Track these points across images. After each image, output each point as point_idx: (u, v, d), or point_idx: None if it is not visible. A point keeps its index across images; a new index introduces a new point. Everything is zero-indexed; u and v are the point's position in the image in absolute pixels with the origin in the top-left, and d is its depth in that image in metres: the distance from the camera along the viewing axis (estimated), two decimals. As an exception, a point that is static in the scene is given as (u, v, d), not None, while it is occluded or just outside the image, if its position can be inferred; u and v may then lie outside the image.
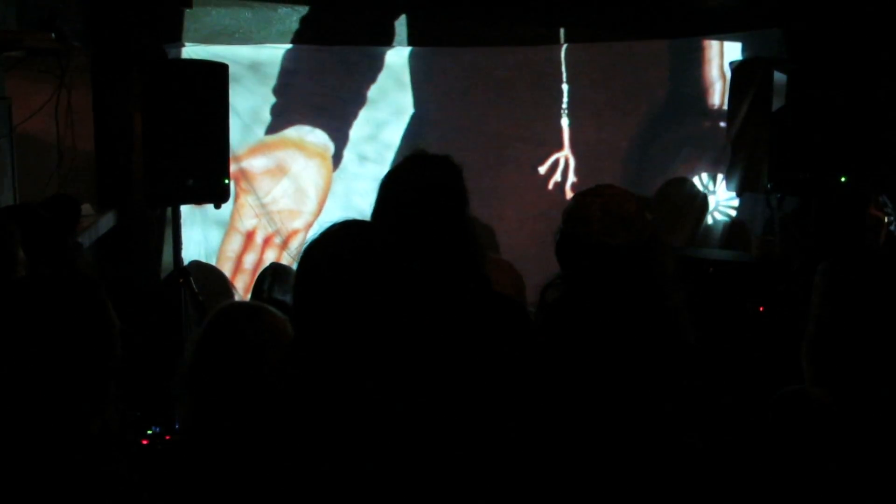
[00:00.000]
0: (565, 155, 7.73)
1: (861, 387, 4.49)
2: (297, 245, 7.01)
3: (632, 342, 2.91)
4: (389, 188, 3.43)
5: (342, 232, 2.53)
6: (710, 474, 2.31)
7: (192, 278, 5.69)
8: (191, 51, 6.65)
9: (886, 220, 5.14)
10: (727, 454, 2.35)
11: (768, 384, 5.11)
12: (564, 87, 7.72)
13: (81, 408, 2.42)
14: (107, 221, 6.12)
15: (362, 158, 7.29)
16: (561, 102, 7.71)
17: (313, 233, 2.52)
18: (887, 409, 4.31)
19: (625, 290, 2.99)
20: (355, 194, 7.26)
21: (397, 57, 7.41)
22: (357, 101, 7.32)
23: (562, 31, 7.68)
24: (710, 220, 7.83)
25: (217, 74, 5.68)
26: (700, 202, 7.82)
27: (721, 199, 7.84)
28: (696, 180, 7.86)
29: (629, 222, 3.05)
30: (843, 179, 6.18)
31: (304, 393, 2.35)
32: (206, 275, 6.65)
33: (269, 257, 7.02)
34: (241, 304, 2.92)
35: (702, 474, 2.34)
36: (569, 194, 7.50)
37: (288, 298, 5.60)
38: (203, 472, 2.59)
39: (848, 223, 5.19)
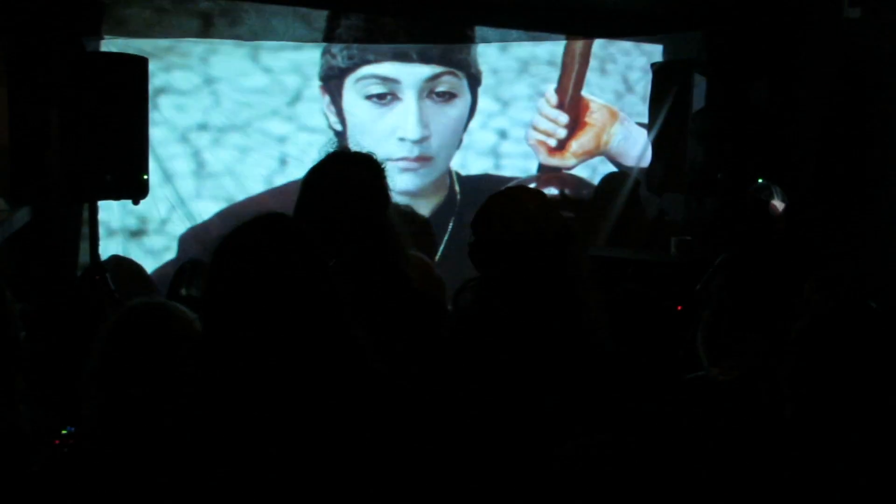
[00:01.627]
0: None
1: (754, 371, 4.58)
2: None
3: (541, 344, 2.91)
4: (311, 185, 3.42)
5: (258, 224, 2.50)
6: (625, 477, 2.32)
7: (108, 275, 5.61)
8: (110, 44, 6.55)
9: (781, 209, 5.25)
10: (645, 453, 2.36)
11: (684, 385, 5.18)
12: (479, 88, 7.77)
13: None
14: (21, 217, 6.01)
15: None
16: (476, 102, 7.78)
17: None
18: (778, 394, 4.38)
19: (536, 292, 2.99)
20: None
21: (315, 54, 7.39)
22: (280, 96, 7.29)
23: (476, 30, 7.70)
24: (629, 221, 7.88)
25: (136, 68, 5.61)
26: (620, 202, 7.87)
27: (641, 200, 7.89)
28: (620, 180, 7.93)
29: (530, 219, 3.04)
30: (760, 181, 6.26)
31: (208, 391, 2.32)
32: (125, 271, 6.55)
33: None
34: (147, 302, 2.87)
35: (614, 479, 2.34)
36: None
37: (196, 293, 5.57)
38: (109, 472, 2.54)
39: (747, 216, 5.29)
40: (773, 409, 2.70)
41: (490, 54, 7.75)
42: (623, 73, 8.08)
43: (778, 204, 5.21)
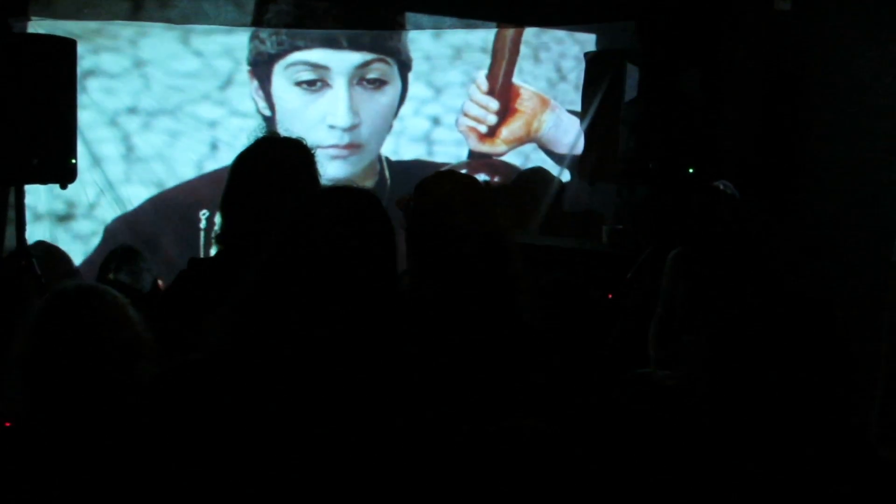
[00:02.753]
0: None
1: (705, 371, 4.60)
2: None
3: (474, 331, 2.91)
4: (241, 169, 3.40)
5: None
6: (558, 460, 2.32)
7: (35, 260, 5.54)
8: (37, 26, 6.47)
9: (731, 205, 5.28)
10: (574, 438, 2.37)
11: (615, 370, 5.20)
12: (410, 74, 7.76)
13: None
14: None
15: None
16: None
17: None
18: (729, 393, 4.41)
19: (470, 281, 2.98)
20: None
21: (247, 38, 7.34)
22: (211, 80, 7.24)
23: (406, 16, 7.69)
24: (561, 209, 7.92)
25: (64, 50, 5.53)
26: (552, 190, 7.91)
27: (573, 188, 7.93)
28: (550, 168, 7.95)
29: (470, 209, 3.04)
30: (690, 170, 6.30)
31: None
32: (52, 257, 6.48)
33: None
34: (77, 284, 2.84)
35: (549, 462, 2.34)
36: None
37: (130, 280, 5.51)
38: (37, 461, 2.51)
39: (698, 212, 5.31)
40: (705, 408, 2.71)
41: (423, 41, 7.75)
42: (556, 61, 8.11)
43: (729, 201, 5.25)
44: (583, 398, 2.91)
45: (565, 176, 7.97)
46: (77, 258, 6.93)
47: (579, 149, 7.74)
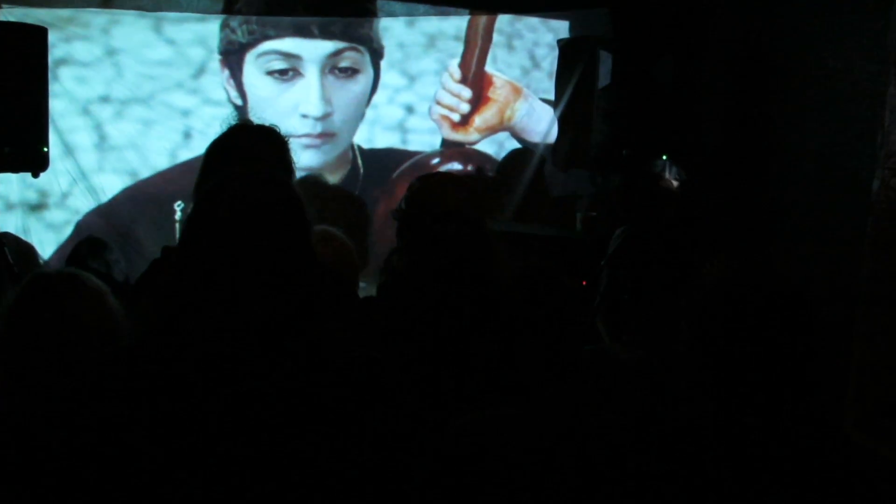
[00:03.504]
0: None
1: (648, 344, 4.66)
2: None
3: (459, 316, 2.93)
4: (214, 157, 3.39)
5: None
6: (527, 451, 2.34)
7: (7, 249, 5.52)
8: (7, 13, 6.43)
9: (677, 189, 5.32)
10: (547, 427, 2.39)
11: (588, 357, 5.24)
12: (382, 63, 7.76)
13: None
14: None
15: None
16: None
17: None
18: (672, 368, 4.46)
19: (457, 272, 3.02)
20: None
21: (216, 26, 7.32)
22: (184, 69, 7.22)
23: (378, 3, 7.67)
24: (535, 196, 7.93)
25: (35, 38, 5.50)
26: (527, 178, 7.91)
27: (547, 175, 7.94)
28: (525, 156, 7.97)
29: (458, 212, 3.09)
30: (664, 157, 6.32)
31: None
32: (20, 247, 6.45)
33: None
34: (57, 270, 2.84)
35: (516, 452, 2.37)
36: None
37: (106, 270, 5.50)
38: (17, 449, 2.51)
39: (639, 194, 5.37)
40: (672, 388, 2.73)
41: (396, 29, 7.73)
42: (530, 49, 8.11)
43: (672, 181, 5.29)
44: (555, 380, 2.93)
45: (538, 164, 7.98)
46: (50, 248, 6.90)
47: (552, 137, 7.75)
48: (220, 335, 2.27)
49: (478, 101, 8.02)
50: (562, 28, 7.99)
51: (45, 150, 5.56)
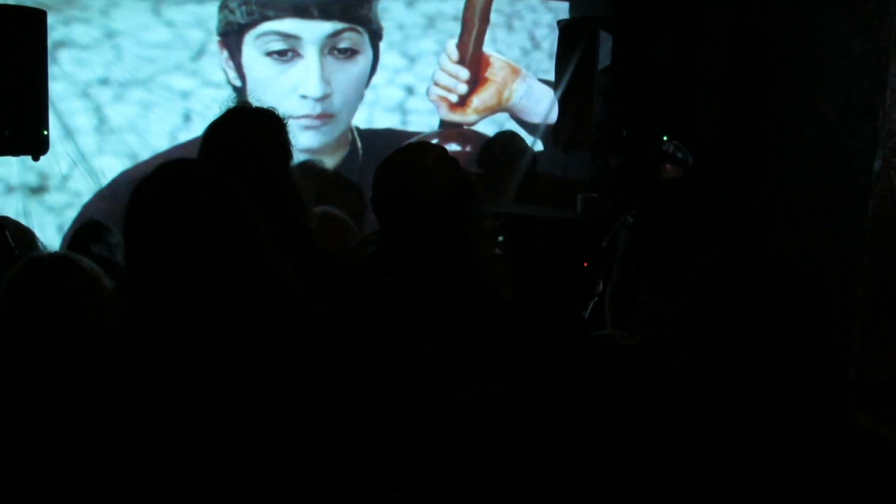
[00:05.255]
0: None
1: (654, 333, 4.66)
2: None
3: (437, 296, 2.92)
4: (212, 139, 3.39)
5: (165, 173, 2.49)
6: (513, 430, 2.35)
7: (7, 231, 5.52)
8: (7, -5, 6.43)
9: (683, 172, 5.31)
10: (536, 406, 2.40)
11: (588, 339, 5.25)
12: (381, 44, 7.75)
13: None
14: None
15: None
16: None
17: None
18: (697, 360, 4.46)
19: (434, 245, 3.00)
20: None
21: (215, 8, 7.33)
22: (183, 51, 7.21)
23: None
24: (535, 178, 7.92)
25: (34, 21, 5.49)
26: (527, 158, 7.90)
27: (548, 156, 7.93)
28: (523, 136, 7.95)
29: (426, 176, 3.05)
30: (665, 138, 6.31)
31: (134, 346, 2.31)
32: (20, 232, 6.45)
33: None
34: (51, 253, 2.84)
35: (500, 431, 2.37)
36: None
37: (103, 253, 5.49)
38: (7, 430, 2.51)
39: (645, 179, 5.35)
40: (669, 373, 2.72)
41: (396, 10, 7.73)
42: (530, 29, 8.12)
43: (677, 163, 5.27)
44: (556, 365, 2.92)
45: (538, 146, 7.97)
46: (51, 230, 6.91)
47: (552, 118, 7.73)
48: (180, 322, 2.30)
49: (475, 82, 8.02)
50: (562, 8, 7.99)
51: (45, 132, 5.55)
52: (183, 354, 2.29)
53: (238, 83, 7.37)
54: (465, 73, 7.97)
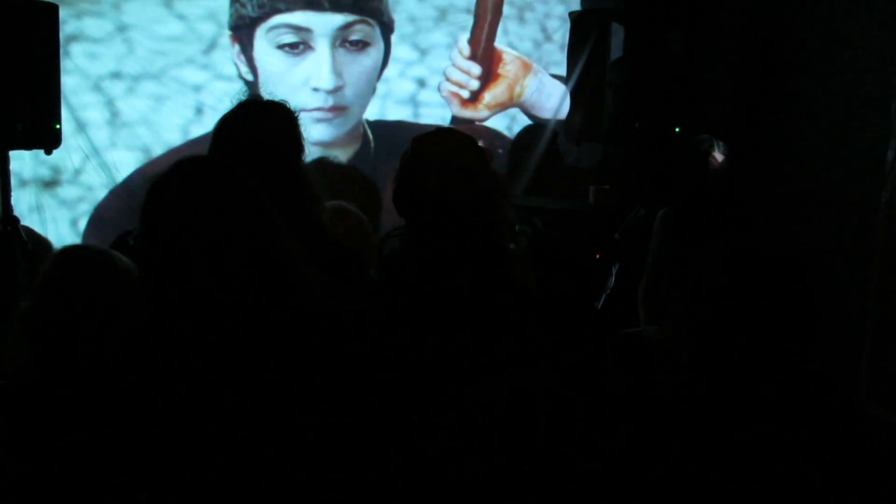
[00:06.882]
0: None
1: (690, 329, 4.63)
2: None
3: (467, 294, 2.92)
4: (224, 133, 3.39)
5: (181, 171, 2.50)
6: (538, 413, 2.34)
7: (20, 227, 5.54)
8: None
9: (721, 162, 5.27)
10: (570, 394, 2.39)
11: (605, 329, 5.24)
12: (393, 37, 7.74)
13: None
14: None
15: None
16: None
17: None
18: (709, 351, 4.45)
19: (462, 241, 2.99)
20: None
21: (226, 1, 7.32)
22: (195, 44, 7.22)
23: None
24: (547, 170, 7.92)
25: (47, 15, 5.50)
26: (540, 150, 7.90)
27: (561, 148, 7.93)
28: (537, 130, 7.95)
29: (469, 174, 3.03)
30: (677, 129, 6.31)
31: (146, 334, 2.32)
32: (32, 236, 6.48)
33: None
34: (87, 246, 2.86)
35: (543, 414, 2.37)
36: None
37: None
38: (39, 421, 2.51)
39: (687, 172, 5.31)
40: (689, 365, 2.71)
41: (407, 2, 7.71)
42: (541, 21, 8.09)
43: (718, 157, 5.23)
44: (574, 355, 2.92)
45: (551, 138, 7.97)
46: (64, 224, 6.92)
47: (563, 113, 7.71)
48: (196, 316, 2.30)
49: (487, 78, 8.00)
50: (573, 0, 7.96)
51: (58, 126, 5.58)
52: (201, 352, 2.30)
53: (250, 77, 7.36)
54: (476, 70, 7.95)
